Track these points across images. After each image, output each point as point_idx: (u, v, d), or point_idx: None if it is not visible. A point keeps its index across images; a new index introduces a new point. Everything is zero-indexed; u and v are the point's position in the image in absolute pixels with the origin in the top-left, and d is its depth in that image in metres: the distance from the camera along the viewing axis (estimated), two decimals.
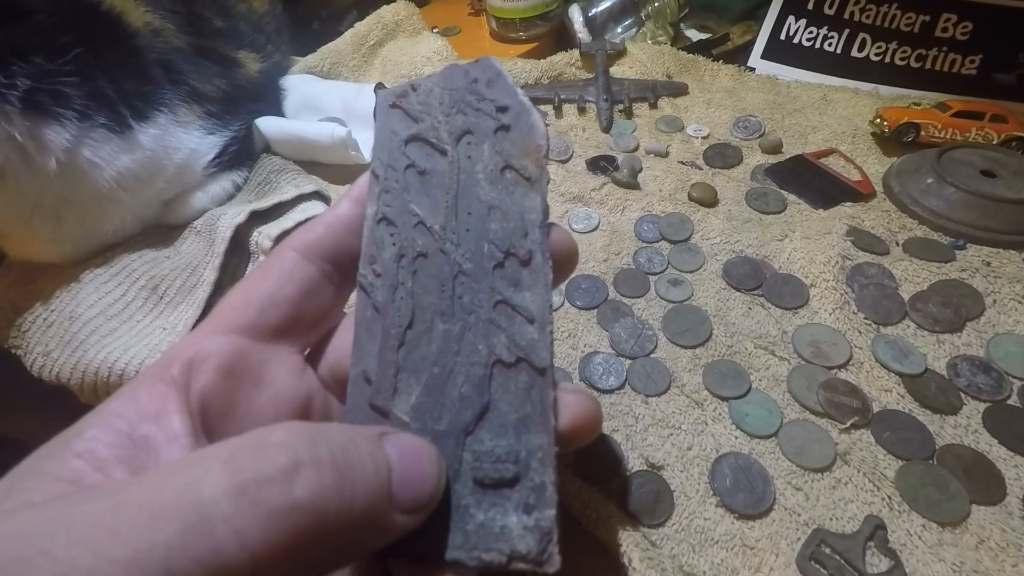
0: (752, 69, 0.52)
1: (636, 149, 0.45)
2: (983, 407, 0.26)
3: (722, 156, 0.43)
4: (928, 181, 0.35)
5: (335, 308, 0.19)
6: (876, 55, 0.48)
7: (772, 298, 0.32)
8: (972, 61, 0.45)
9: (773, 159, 0.42)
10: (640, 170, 0.42)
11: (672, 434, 0.26)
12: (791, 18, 0.52)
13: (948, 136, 0.39)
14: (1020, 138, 0.38)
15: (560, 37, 0.62)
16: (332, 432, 0.13)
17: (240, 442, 0.12)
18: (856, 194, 0.37)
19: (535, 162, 0.17)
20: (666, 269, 0.35)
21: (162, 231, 0.41)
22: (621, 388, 0.28)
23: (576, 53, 0.54)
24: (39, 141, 0.32)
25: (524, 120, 0.17)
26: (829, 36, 0.50)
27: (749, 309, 0.32)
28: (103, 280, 0.38)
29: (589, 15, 0.60)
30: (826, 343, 0.29)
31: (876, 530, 0.22)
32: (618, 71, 0.52)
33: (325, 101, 0.49)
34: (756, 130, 0.45)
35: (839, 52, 0.49)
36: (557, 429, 0.15)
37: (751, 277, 0.33)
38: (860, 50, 0.49)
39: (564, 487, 0.23)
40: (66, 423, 0.14)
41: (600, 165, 0.43)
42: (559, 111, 0.50)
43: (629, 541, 0.21)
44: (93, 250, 0.39)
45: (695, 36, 0.60)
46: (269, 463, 0.11)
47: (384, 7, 0.59)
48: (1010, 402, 0.26)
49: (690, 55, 0.53)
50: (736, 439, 0.26)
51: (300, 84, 0.51)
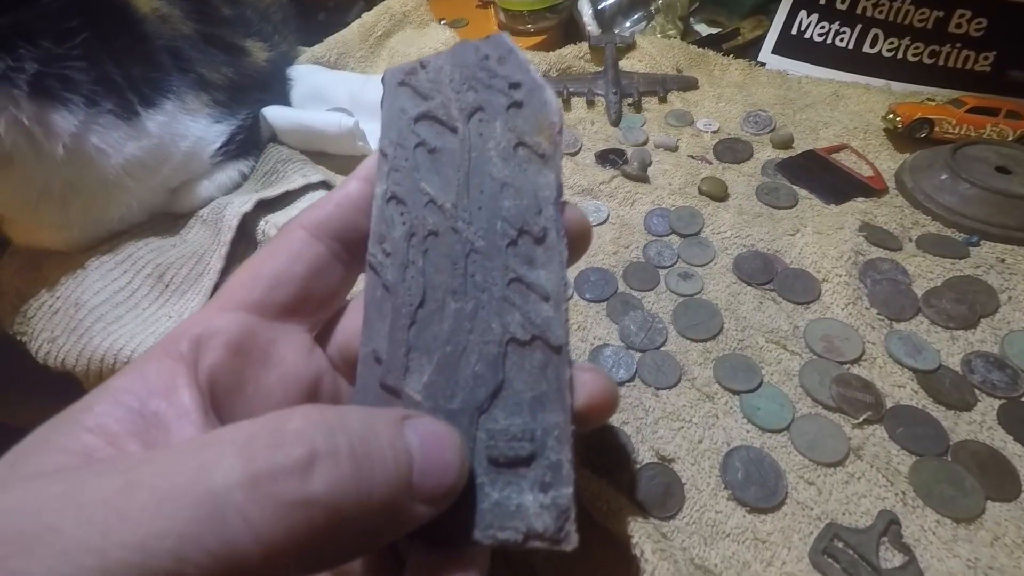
0: (762, 64, 0.52)
1: (645, 143, 0.45)
2: (998, 404, 0.25)
3: (732, 151, 0.43)
4: (942, 177, 0.35)
5: (344, 288, 0.19)
6: (888, 51, 0.48)
7: (783, 293, 0.31)
8: (986, 58, 0.44)
9: (784, 154, 0.42)
10: (650, 163, 0.42)
11: (683, 427, 0.26)
12: (803, 13, 0.51)
13: (962, 132, 0.38)
14: None
15: (568, 30, 0.61)
16: (350, 418, 0.12)
17: (255, 428, 0.12)
18: (868, 190, 0.37)
19: (549, 139, 0.16)
20: (676, 263, 0.34)
21: (168, 220, 0.41)
22: (631, 381, 0.28)
23: (585, 46, 0.54)
24: (46, 126, 0.32)
25: (537, 96, 0.17)
26: (841, 31, 0.49)
27: (760, 303, 0.31)
28: (109, 267, 0.37)
29: (598, 8, 0.59)
30: (838, 338, 0.29)
31: (890, 525, 0.22)
32: (627, 65, 0.52)
33: (332, 91, 0.49)
34: (766, 125, 0.44)
35: (851, 48, 0.49)
36: (573, 407, 0.15)
37: (762, 271, 0.33)
38: (872, 46, 0.48)
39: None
40: None
41: (609, 158, 0.42)
42: (567, 104, 0.49)
43: (641, 532, 0.21)
44: (99, 237, 0.38)
45: (704, 31, 0.59)
46: (285, 453, 0.11)
47: None
48: None
49: (700, 49, 0.53)
50: (747, 433, 0.26)
51: (307, 74, 0.51)
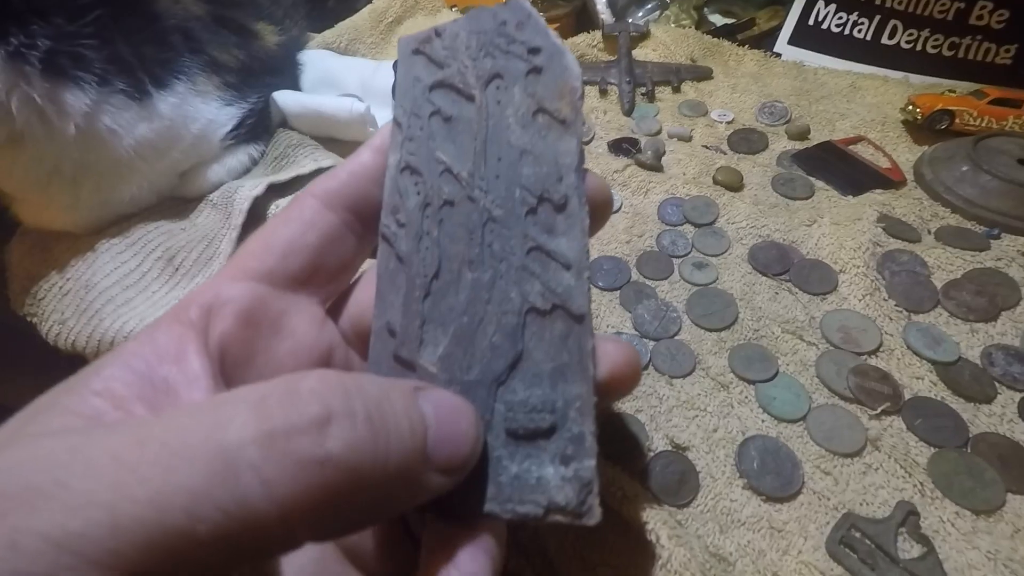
0: (778, 55, 0.51)
1: (659, 133, 0.44)
2: (1018, 396, 0.25)
3: (747, 141, 0.42)
4: (963, 169, 0.34)
5: (356, 260, 0.18)
6: (907, 42, 0.47)
7: (800, 283, 0.31)
8: (1007, 50, 0.44)
9: (800, 145, 0.41)
10: (663, 153, 0.41)
11: (697, 415, 0.26)
12: (820, 3, 0.50)
13: (984, 124, 0.38)
14: None
15: (582, 18, 0.60)
16: (366, 384, 0.12)
17: (269, 387, 0.11)
18: (886, 181, 0.37)
19: (570, 104, 0.16)
20: (690, 252, 0.34)
21: (178, 203, 0.41)
22: (645, 369, 0.28)
23: (598, 35, 0.53)
24: (59, 105, 0.31)
25: (557, 61, 0.16)
26: (859, 22, 0.49)
27: (776, 294, 0.31)
28: (119, 250, 0.37)
29: None
30: (856, 329, 0.28)
31: (908, 516, 0.22)
32: (641, 54, 0.51)
33: (342, 78, 0.49)
34: (782, 116, 0.44)
35: (869, 39, 0.48)
36: (596, 378, 0.14)
37: (778, 262, 0.32)
38: (891, 37, 0.47)
39: None
40: None
41: (623, 147, 0.42)
42: None
43: (656, 519, 0.21)
44: (109, 219, 0.38)
45: (719, 21, 0.59)
46: (299, 412, 0.11)
47: None
48: None
49: (715, 39, 0.52)
50: (763, 422, 0.25)
51: (318, 60, 0.51)
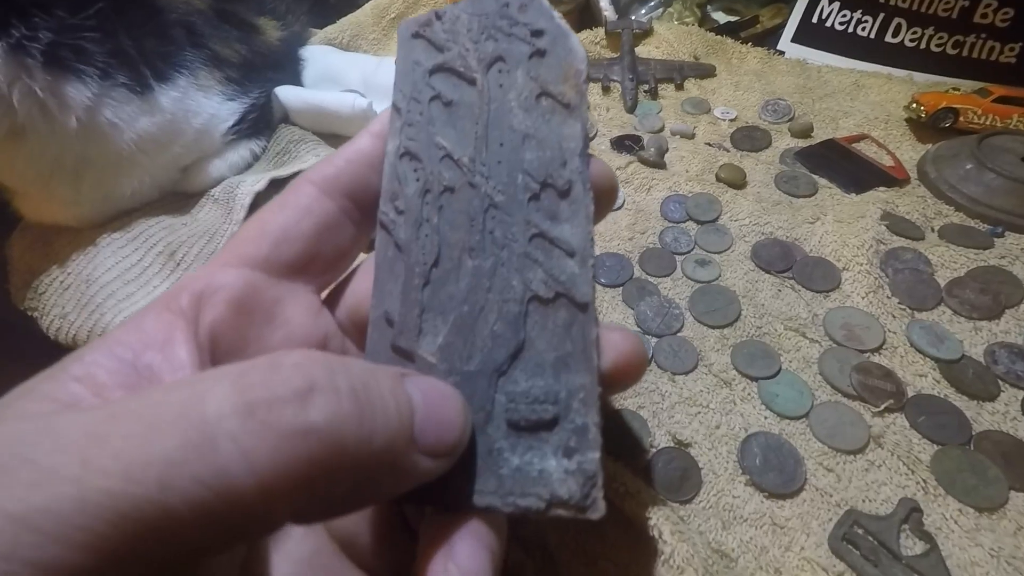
0: (781, 53, 0.51)
1: (661, 130, 0.44)
2: (1021, 394, 0.25)
3: (750, 139, 0.42)
4: (967, 167, 0.34)
5: (354, 248, 0.18)
6: (911, 41, 0.47)
7: (803, 280, 0.31)
8: (1012, 49, 0.44)
9: (803, 143, 0.41)
10: (666, 150, 0.41)
11: (700, 412, 0.26)
12: (824, 1, 0.50)
13: (988, 122, 0.38)
14: None
15: (585, 15, 0.60)
16: (352, 364, 0.12)
17: (251, 363, 0.11)
18: (889, 179, 0.36)
19: (574, 87, 0.15)
20: (693, 249, 0.34)
21: (179, 199, 0.41)
22: (647, 365, 0.28)
23: (601, 31, 0.53)
24: (60, 98, 0.31)
25: (562, 44, 0.16)
26: (863, 20, 0.48)
27: (779, 291, 0.31)
28: (120, 245, 0.37)
29: None
30: (859, 327, 0.28)
31: (911, 513, 0.22)
32: (644, 51, 0.51)
33: (345, 73, 0.48)
34: (785, 114, 0.44)
35: (873, 37, 0.48)
36: (600, 368, 0.14)
37: (781, 259, 0.32)
38: (895, 35, 0.47)
39: None
40: None
41: (625, 144, 0.42)
42: None
43: (659, 515, 0.21)
44: (110, 214, 0.38)
45: (722, 19, 0.58)
46: (282, 383, 0.10)
47: None
48: None
49: (718, 37, 0.52)
50: (766, 419, 0.25)
51: (320, 55, 0.51)
